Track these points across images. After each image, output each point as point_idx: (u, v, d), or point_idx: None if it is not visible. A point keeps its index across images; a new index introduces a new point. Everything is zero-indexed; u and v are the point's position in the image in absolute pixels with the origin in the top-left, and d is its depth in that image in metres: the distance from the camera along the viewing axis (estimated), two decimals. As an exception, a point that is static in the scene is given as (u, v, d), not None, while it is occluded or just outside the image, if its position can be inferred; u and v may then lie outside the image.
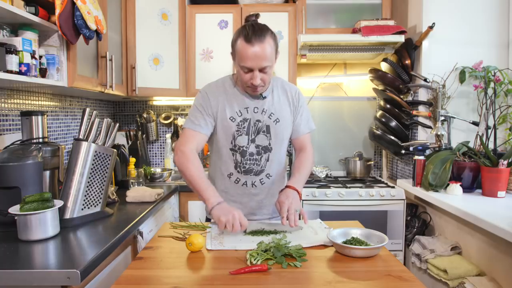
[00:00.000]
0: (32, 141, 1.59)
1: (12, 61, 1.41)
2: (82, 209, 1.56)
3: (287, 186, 1.51)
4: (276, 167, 1.64)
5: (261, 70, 1.46)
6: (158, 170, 2.78)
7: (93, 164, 1.59)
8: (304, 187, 2.48)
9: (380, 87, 2.72)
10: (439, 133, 2.30)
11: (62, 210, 1.51)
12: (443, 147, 2.30)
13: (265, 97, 1.59)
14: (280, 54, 2.47)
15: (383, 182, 2.67)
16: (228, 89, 1.60)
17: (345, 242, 1.26)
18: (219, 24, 2.73)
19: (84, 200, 1.57)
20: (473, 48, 2.38)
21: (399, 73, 2.56)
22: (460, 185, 2.07)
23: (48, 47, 1.66)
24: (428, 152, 2.33)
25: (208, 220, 1.74)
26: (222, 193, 1.57)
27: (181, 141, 1.55)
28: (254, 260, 1.15)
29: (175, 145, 1.57)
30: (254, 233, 1.42)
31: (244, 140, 1.57)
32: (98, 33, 1.79)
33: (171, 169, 2.81)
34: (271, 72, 1.52)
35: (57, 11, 1.55)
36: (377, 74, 2.66)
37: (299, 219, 1.57)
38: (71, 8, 1.60)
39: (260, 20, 1.58)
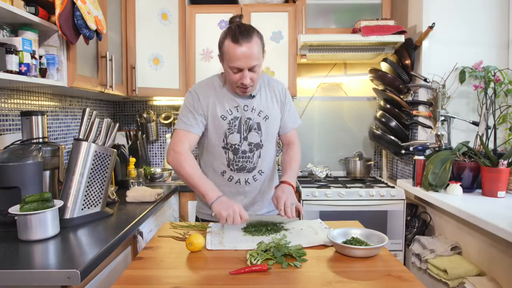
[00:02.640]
0: (32, 141, 1.59)
1: (12, 61, 1.41)
2: (82, 209, 1.56)
3: (282, 182, 1.57)
4: (267, 163, 1.68)
5: (250, 69, 1.48)
6: (158, 170, 2.78)
7: (93, 164, 1.59)
8: (304, 187, 2.49)
9: (380, 87, 2.72)
10: (439, 133, 2.30)
11: (62, 210, 1.51)
12: (443, 147, 2.29)
13: (254, 96, 1.62)
14: (280, 54, 2.48)
15: (383, 182, 2.67)
16: (218, 88, 1.61)
17: (345, 242, 1.26)
18: (219, 24, 2.72)
19: (84, 200, 1.57)
20: (473, 48, 2.38)
21: (399, 73, 2.56)
22: (460, 185, 2.07)
23: (48, 47, 1.66)
24: (428, 152, 2.33)
25: (197, 219, 1.74)
26: None
27: (174, 141, 1.56)
28: (254, 260, 1.15)
29: (168, 147, 1.57)
30: (254, 232, 1.42)
31: (236, 138, 1.59)
32: (98, 33, 1.79)
33: (171, 169, 2.81)
34: (260, 71, 1.55)
35: (57, 11, 1.55)
36: (377, 74, 2.66)
37: (298, 217, 1.58)
38: (71, 8, 1.60)
39: (260, 20, 1.61)
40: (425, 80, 2.38)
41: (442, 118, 2.33)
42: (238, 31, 1.45)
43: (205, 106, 1.58)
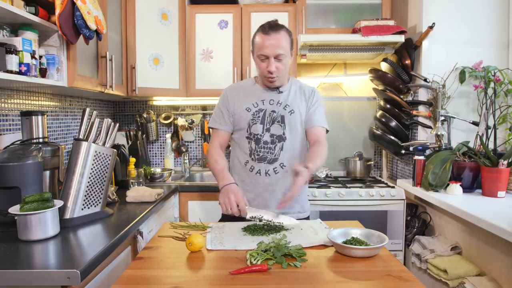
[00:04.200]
0: (32, 141, 1.59)
1: (12, 61, 1.41)
2: (82, 209, 1.56)
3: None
4: (290, 158, 1.69)
5: (276, 57, 1.58)
6: (158, 170, 2.78)
7: (93, 164, 1.59)
8: (304, 187, 2.48)
9: (380, 87, 2.72)
10: (439, 133, 2.30)
11: (62, 210, 1.51)
12: (443, 147, 2.29)
13: (281, 92, 1.71)
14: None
15: (383, 182, 2.67)
16: (248, 86, 1.76)
17: (345, 242, 1.26)
18: (219, 24, 2.73)
19: (84, 200, 1.57)
20: (473, 48, 2.38)
21: (399, 73, 2.56)
22: (460, 185, 2.07)
23: (48, 47, 1.66)
24: (428, 152, 2.33)
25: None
26: (239, 183, 1.68)
27: (210, 138, 1.80)
28: (254, 260, 1.15)
29: None
30: (254, 232, 1.43)
31: (259, 128, 1.67)
32: (98, 33, 1.79)
33: (171, 169, 2.81)
34: (286, 64, 1.64)
35: (57, 11, 1.55)
36: (377, 74, 2.66)
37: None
38: (71, 8, 1.60)
39: (260, 20, 1.76)
40: (425, 80, 2.38)
41: (442, 118, 2.33)
42: (268, 25, 1.61)
43: (231, 103, 1.72)
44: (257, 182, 1.68)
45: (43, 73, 1.60)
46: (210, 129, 1.80)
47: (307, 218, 1.79)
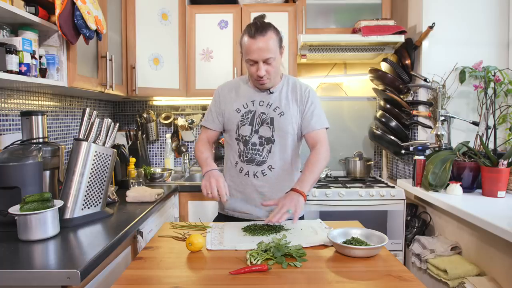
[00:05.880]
0: (32, 141, 1.59)
1: (12, 61, 1.41)
2: (82, 209, 1.56)
3: (292, 189, 1.47)
4: (279, 161, 1.67)
5: (265, 61, 1.56)
6: (158, 170, 2.78)
7: (93, 164, 1.59)
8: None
9: (380, 87, 2.72)
10: (439, 133, 2.30)
11: (62, 210, 1.51)
12: (443, 147, 2.29)
13: (272, 92, 1.68)
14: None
15: (383, 182, 2.67)
16: (241, 85, 1.73)
17: (345, 242, 1.26)
18: (219, 24, 2.73)
19: (84, 200, 1.57)
20: (473, 48, 2.38)
21: (399, 73, 2.56)
22: (460, 185, 2.07)
23: (48, 47, 1.66)
24: (428, 152, 2.33)
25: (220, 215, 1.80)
26: (230, 182, 1.70)
27: (199, 136, 1.82)
28: (254, 260, 1.15)
29: None
30: (254, 232, 1.43)
31: (247, 130, 1.66)
32: (98, 33, 1.79)
33: (171, 169, 2.81)
34: (276, 65, 1.61)
35: (57, 11, 1.55)
36: (377, 74, 2.66)
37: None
38: (71, 8, 1.60)
39: None
40: (425, 80, 2.38)
41: (442, 118, 2.33)
42: (255, 27, 1.55)
43: (222, 102, 1.72)
44: (246, 183, 1.68)
45: (43, 73, 1.60)
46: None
47: (301, 218, 1.77)
